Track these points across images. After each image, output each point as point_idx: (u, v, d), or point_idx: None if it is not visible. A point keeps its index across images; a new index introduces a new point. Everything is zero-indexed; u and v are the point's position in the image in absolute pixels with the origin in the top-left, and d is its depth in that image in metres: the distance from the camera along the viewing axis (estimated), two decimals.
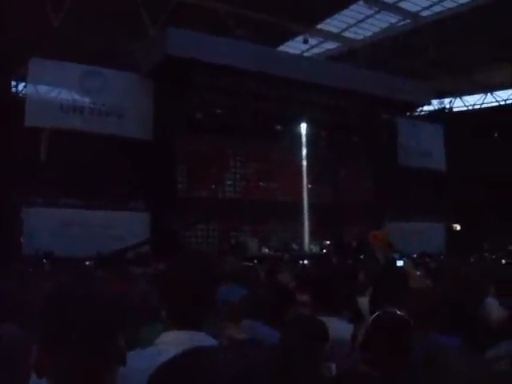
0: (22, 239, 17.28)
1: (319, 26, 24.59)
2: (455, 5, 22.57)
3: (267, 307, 3.86)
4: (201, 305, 1.96)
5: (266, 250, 21.69)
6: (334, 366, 2.62)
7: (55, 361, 1.40)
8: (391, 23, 24.47)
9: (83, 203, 18.12)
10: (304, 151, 25.15)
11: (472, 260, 14.90)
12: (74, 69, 18.59)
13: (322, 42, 26.15)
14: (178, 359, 0.91)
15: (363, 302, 4.65)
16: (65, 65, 18.38)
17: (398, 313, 2.81)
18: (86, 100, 18.89)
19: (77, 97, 18.73)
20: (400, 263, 6.53)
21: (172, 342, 1.86)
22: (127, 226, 18.64)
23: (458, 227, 28.81)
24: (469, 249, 20.77)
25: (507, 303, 3.78)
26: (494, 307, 3.86)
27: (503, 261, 9.35)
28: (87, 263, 13.93)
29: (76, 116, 18.55)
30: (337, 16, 23.84)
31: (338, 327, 3.49)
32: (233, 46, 19.27)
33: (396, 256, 16.31)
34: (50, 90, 18.55)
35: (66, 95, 18.57)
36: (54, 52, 17.63)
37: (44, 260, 13.97)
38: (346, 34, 25.44)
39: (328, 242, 24.27)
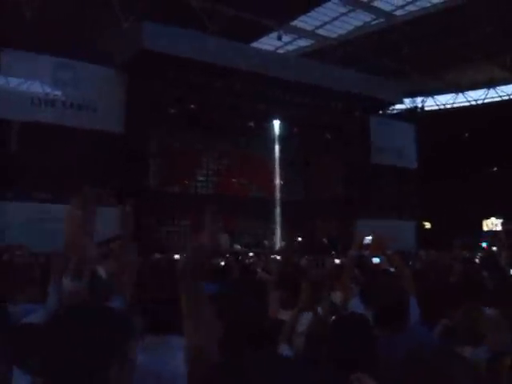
0: None
1: (293, 23, 24.61)
2: (429, 5, 22.75)
3: None
4: None
5: (238, 247, 21.68)
6: None
7: None
8: (365, 22, 24.59)
9: (54, 197, 17.82)
10: (277, 148, 25.24)
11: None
12: (47, 61, 18.23)
13: (295, 39, 26.17)
14: None
15: (337, 296, 4.75)
16: (37, 57, 18.03)
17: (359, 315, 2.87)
18: (58, 93, 18.55)
19: (49, 90, 18.39)
20: (376, 260, 6.53)
21: None
22: (99, 221, 18.30)
23: (429, 225, 29.12)
24: (439, 247, 20.97)
25: None
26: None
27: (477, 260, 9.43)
28: None
29: (47, 109, 18.23)
30: (311, 13, 23.87)
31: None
32: (207, 42, 19.16)
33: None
34: (22, 83, 18.21)
35: (37, 88, 18.21)
36: (27, 44, 17.32)
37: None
38: (320, 31, 25.49)
39: (300, 239, 24.35)
